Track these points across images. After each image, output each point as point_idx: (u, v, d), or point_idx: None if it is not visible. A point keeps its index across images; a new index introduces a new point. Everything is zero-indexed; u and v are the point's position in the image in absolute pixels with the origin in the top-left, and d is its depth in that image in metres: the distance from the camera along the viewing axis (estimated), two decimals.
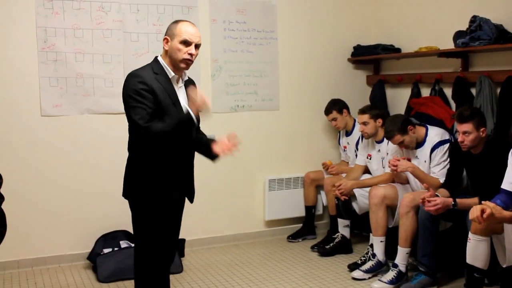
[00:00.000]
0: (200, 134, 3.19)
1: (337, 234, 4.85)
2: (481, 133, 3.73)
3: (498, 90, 4.16)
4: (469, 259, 3.42)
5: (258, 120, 5.29)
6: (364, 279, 4.21)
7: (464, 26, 4.32)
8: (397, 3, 5.37)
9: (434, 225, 3.91)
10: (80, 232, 4.65)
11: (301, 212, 5.38)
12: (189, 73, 3.09)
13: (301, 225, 5.37)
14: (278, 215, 5.38)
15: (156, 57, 3.02)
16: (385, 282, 3.98)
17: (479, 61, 4.50)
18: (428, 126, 4.34)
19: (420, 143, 4.28)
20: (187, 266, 4.55)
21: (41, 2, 4.41)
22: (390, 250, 4.21)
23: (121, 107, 4.60)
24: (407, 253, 4.01)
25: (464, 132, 3.71)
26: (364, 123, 4.62)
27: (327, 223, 5.30)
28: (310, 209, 5.31)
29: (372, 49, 5.38)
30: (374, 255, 4.25)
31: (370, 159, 4.83)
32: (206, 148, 3.05)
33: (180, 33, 2.90)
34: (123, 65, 4.69)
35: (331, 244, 4.83)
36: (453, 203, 3.69)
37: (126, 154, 3.23)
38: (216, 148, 3.01)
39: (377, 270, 4.24)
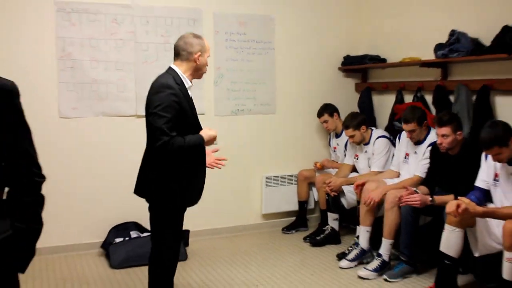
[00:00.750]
0: None
1: (327, 227, 4.86)
2: (458, 136, 3.76)
3: (474, 97, 4.17)
4: (442, 247, 3.45)
5: (256, 122, 5.30)
6: (351, 267, 4.24)
7: (443, 39, 4.33)
8: (383, 18, 5.37)
9: (415, 220, 3.93)
10: (94, 223, 4.66)
11: (295, 207, 5.39)
12: (195, 80, 3.11)
13: (294, 218, 5.37)
14: (274, 209, 5.38)
15: (170, 66, 2.98)
16: (370, 270, 4.00)
17: (457, 71, 4.51)
18: (374, 129, 4.79)
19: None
20: (191, 255, 4.55)
21: (60, 15, 4.43)
22: (375, 241, 4.22)
23: (131, 110, 4.70)
24: (390, 244, 4.03)
25: (443, 135, 3.74)
26: (351, 136, 4.66)
27: (318, 217, 5.31)
28: (302, 203, 5.33)
29: (360, 59, 5.39)
30: (358, 244, 4.27)
31: (357, 159, 4.85)
32: None
33: (208, 50, 2.99)
34: (134, 72, 4.69)
35: (322, 236, 4.84)
36: (431, 199, 3.72)
37: (136, 152, 3.23)
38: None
39: (362, 257, 4.25)
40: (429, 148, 4.12)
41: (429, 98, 4.67)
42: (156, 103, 2.79)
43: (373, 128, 4.83)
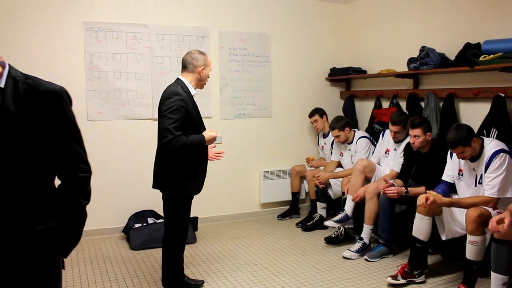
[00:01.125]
0: None
1: (316, 214, 4.87)
2: (427, 137, 3.77)
3: (441, 104, 4.19)
4: (414, 232, 3.48)
5: (255, 125, 5.31)
6: (334, 227, 4.28)
7: (415, 53, 4.35)
8: (364, 36, 5.39)
9: (391, 207, 3.94)
10: (117, 211, 4.67)
11: (288, 197, 5.40)
12: (202, 89, 3.19)
13: (288, 207, 5.38)
14: (270, 199, 5.39)
15: (178, 77, 3.08)
16: (353, 251, 4.01)
17: (427, 81, 4.52)
18: (356, 130, 4.80)
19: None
20: (199, 238, 4.56)
21: (88, 33, 4.44)
22: (359, 227, 4.23)
23: (149, 114, 4.74)
24: (370, 229, 4.05)
25: (415, 136, 3.76)
26: (337, 136, 4.69)
27: (308, 205, 5.33)
28: (295, 194, 5.34)
29: (345, 71, 5.39)
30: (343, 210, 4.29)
31: (342, 156, 4.87)
32: None
33: (210, 65, 3.12)
34: (151, 82, 4.71)
35: (311, 222, 4.85)
36: (405, 191, 3.74)
37: (152, 150, 3.25)
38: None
39: (345, 221, 4.26)
40: (403, 146, 4.13)
41: (403, 104, 4.68)
42: (166, 107, 2.87)
43: (355, 129, 4.85)
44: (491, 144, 3.23)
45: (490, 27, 3.80)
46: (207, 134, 3.00)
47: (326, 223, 4.30)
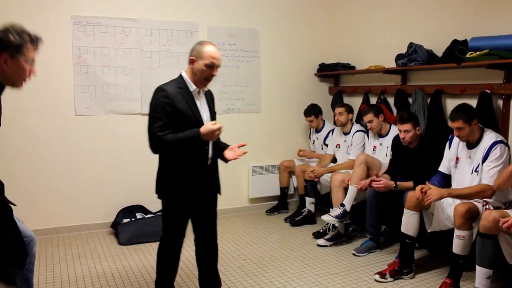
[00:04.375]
0: (219, 143, 3.00)
1: (304, 209, 4.88)
2: (417, 131, 3.79)
3: (429, 100, 4.21)
4: (403, 229, 3.48)
5: (244, 120, 5.30)
6: (333, 223, 4.22)
7: (403, 50, 4.35)
8: (353, 32, 5.39)
9: (378, 203, 3.93)
10: (105, 206, 4.64)
11: (277, 192, 5.39)
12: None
13: (277, 202, 5.38)
14: (259, 194, 5.39)
15: (181, 73, 2.75)
16: (325, 239, 4.16)
17: (414, 77, 4.54)
18: (354, 123, 4.78)
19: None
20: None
21: (76, 27, 4.39)
22: (356, 223, 4.24)
23: (137, 109, 4.71)
24: (339, 210, 4.16)
25: (405, 131, 3.75)
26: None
27: (297, 200, 5.35)
28: (283, 189, 5.33)
29: (333, 66, 5.40)
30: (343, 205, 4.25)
31: (338, 148, 4.84)
32: (220, 154, 2.94)
33: (206, 57, 2.63)
34: (139, 76, 4.67)
35: (300, 217, 4.86)
36: (394, 185, 3.76)
37: (140, 145, 3.20)
38: (227, 154, 2.91)
39: (344, 217, 4.19)
40: (391, 141, 4.13)
41: (390, 100, 4.70)
42: (150, 107, 2.65)
43: (354, 122, 4.81)
44: (491, 135, 3.25)
45: (477, 24, 3.82)
46: (205, 127, 2.63)
47: (324, 217, 4.20)
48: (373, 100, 4.98)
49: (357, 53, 5.32)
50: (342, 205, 4.11)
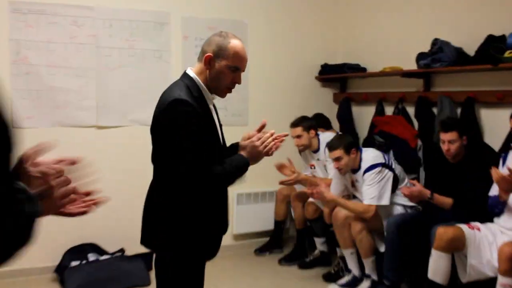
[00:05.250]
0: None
1: (316, 251, 4.86)
2: (463, 141, 3.71)
3: (459, 110, 4.22)
4: (430, 274, 3.44)
5: (227, 135, 5.11)
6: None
7: (426, 48, 4.38)
8: (363, 25, 5.44)
9: (400, 240, 3.86)
10: (47, 245, 4.52)
11: (268, 226, 5.35)
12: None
13: (268, 238, 5.33)
14: (246, 229, 5.36)
15: (187, 73, 2.42)
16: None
17: (440, 81, 4.57)
18: (363, 149, 4.32)
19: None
20: (154, 280, 4.47)
21: (15, 16, 4.36)
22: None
23: (92, 120, 4.64)
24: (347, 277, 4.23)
25: (449, 141, 3.68)
26: (298, 136, 4.73)
27: (293, 237, 5.29)
28: (279, 224, 5.27)
29: (339, 68, 5.42)
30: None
31: (314, 168, 4.87)
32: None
33: (233, 57, 2.33)
34: (95, 79, 4.65)
35: (311, 258, 4.84)
36: (429, 196, 3.73)
37: (98, 168, 3.14)
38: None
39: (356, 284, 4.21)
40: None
41: (410, 110, 4.72)
42: (179, 130, 2.22)
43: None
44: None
45: None
46: (248, 150, 2.45)
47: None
48: (389, 111, 4.98)
49: (368, 51, 5.35)
50: (348, 270, 4.11)
